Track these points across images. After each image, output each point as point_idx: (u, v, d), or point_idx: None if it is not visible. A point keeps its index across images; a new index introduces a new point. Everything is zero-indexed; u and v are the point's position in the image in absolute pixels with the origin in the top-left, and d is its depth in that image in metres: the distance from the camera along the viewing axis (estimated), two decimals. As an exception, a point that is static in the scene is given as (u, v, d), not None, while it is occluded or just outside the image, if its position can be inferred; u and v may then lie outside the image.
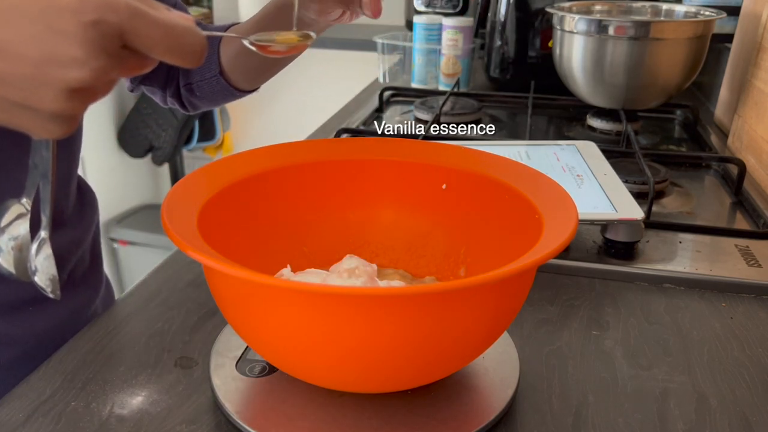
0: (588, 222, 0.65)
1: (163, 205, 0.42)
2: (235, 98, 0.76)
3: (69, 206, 0.64)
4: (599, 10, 1.10)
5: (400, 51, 1.38)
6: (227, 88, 0.73)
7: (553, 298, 0.60)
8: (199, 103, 0.76)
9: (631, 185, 0.78)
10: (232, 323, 0.44)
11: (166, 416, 0.44)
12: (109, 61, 0.32)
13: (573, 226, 0.40)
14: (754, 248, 0.67)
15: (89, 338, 0.53)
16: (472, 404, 0.45)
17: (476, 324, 0.40)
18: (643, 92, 1.00)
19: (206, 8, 2.30)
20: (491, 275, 0.36)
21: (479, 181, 0.51)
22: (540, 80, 1.20)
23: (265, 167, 0.51)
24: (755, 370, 0.50)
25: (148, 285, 0.61)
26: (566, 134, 1.08)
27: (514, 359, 0.49)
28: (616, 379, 0.49)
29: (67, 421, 0.44)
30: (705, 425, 0.45)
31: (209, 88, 0.73)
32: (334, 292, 0.37)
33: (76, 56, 0.31)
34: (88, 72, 0.32)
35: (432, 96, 1.21)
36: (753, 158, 0.87)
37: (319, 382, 0.44)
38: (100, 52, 0.31)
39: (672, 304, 0.59)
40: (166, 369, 0.49)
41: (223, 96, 0.75)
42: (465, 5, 1.39)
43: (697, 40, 0.95)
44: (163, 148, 2.25)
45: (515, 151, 0.79)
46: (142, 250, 2.19)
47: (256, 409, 0.44)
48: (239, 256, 0.45)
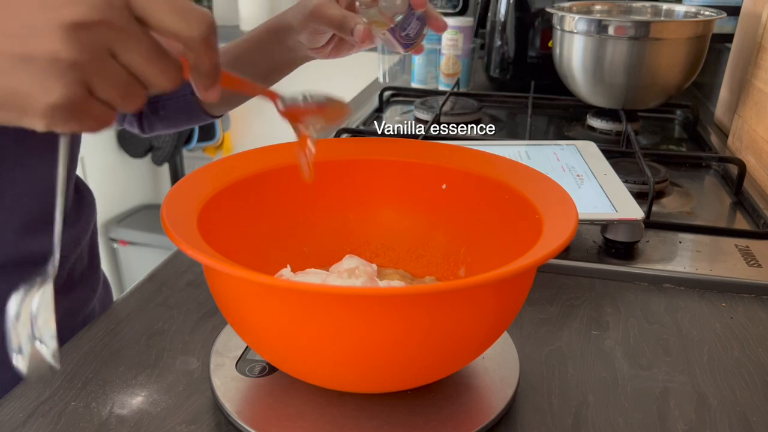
0: (588, 222, 0.65)
1: (163, 205, 0.42)
2: (199, 122, 0.74)
3: (67, 206, 0.64)
4: (599, 10, 1.10)
5: (400, 51, 1.37)
6: (195, 110, 0.71)
7: (553, 298, 0.60)
8: (159, 124, 0.73)
9: (631, 185, 0.78)
10: (232, 323, 0.44)
11: (166, 416, 0.44)
12: (110, 11, 0.32)
13: (573, 226, 0.40)
14: (754, 248, 0.67)
15: (89, 338, 0.53)
16: (472, 404, 0.45)
17: (476, 324, 0.40)
18: (643, 92, 1.00)
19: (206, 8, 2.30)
20: (491, 275, 0.36)
21: (479, 181, 0.51)
22: (540, 80, 1.20)
23: (265, 167, 0.51)
24: (755, 370, 0.50)
25: (148, 285, 0.61)
26: (566, 134, 1.08)
27: (514, 359, 0.49)
28: (616, 379, 0.49)
29: (66, 421, 0.44)
30: (705, 425, 0.45)
31: (176, 107, 0.71)
32: (334, 292, 0.37)
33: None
34: (86, 8, 0.32)
35: (432, 96, 1.21)
36: (753, 158, 0.87)
37: (319, 382, 0.44)
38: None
39: (672, 304, 0.59)
40: (166, 369, 0.49)
41: (187, 118, 0.73)
42: (465, 5, 1.39)
43: (697, 40, 0.95)
44: (163, 148, 2.25)
45: (515, 151, 0.79)
46: (142, 250, 2.19)
47: (256, 409, 0.44)
48: (239, 256, 0.45)
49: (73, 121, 0.34)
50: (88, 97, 0.34)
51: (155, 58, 0.34)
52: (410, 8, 0.57)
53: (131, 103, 0.35)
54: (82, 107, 0.33)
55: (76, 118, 0.34)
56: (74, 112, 0.33)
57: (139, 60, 0.34)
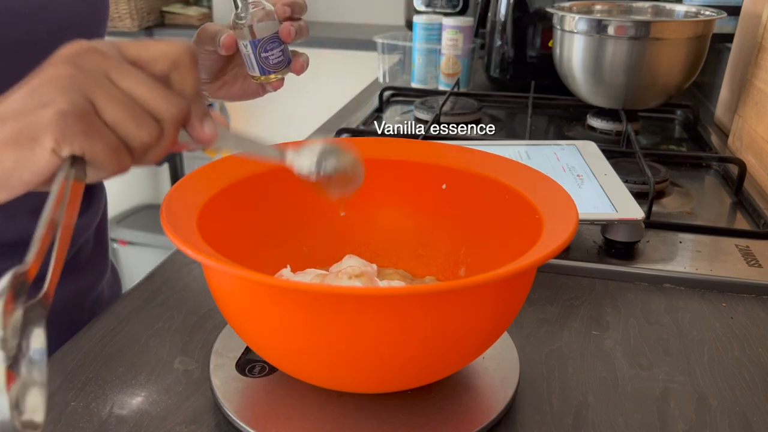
0: (588, 222, 0.65)
1: (163, 205, 0.42)
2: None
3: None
4: (599, 10, 1.10)
5: (400, 51, 1.37)
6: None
7: (553, 298, 0.60)
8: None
9: (631, 185, 0.78)
10: (232, 323, 0.44)
11: (166, 416, 0.44)
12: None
13: (573, 226, 0.40)
14: (754, 248, 0.67)
15: (89, 338, 0.53)
16: (472, 404, 0.45)
17: (476, 324, 0.40)
18: (643, 92, 1.00)
19: (206, 8, 2.30)
20: (491, 275, 0.36)
21: (479, 181, 0.51)
22: (540, 80, 1.20)
23: (265, 167, 0.51)
24: (755, 370, 0.50)
25: (148, 285, 0.61)
26: (566, 134, 1.08)
27: (514, 359, 0.49)
28: (616, 379, 0.49)
29: (66, 421, 0.44)
30: (705, 425, 0.45)
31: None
32: (334, 292, 0.37)
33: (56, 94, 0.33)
34: (70, 96, 0.33)
35: (432, 96, 1.20)
36: (753, 158, 0.87)
37: (319, 382, 0.44)
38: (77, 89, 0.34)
39: (672, 304, 0.59)
40: (166, 369, 0.49)
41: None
42: (465, 5, 1.39)
43: (697, 40, 0.95)
44: (163, 148, 2.25)
45: (515, 151, 0.79)
46: (142, 250, 2.19)
47: (255, 409, 0.44)
48: (239, 256, 0.44)
49: (82, 136, 0.33)
50: (93, 112, 0.34)
51: (154, 85, 0.35)
52: (278, 36, 0.58)
53: (142, 128, 0.35)
54: (89, 119, 0.34)
55: (85, 132, 0.33)
56: (82, 122, 0.33)
57: (138, 86, 0.35)
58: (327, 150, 0.44)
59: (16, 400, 0.29)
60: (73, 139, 0.33)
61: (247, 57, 0.59)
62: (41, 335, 0.31)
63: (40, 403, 0.30)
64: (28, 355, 0.30)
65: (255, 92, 0.65)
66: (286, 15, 0.58)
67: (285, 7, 0.58)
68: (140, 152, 0.36)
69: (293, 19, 0.59)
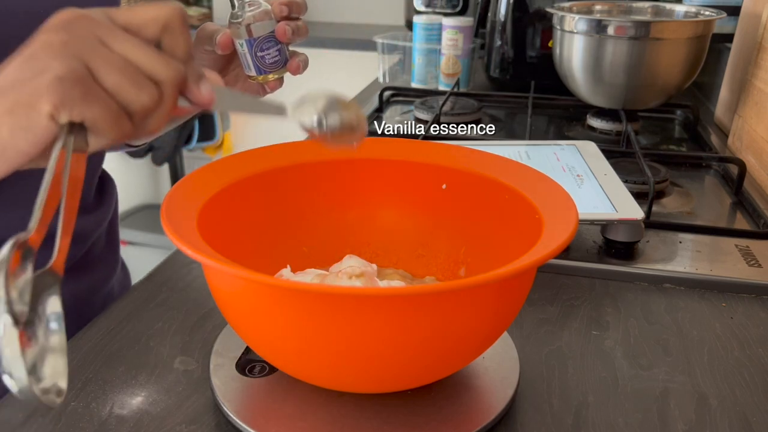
0: (588, 222, 0.65)
1: (163, 205, 0.42)
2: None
3: (90, 195, 0.65)
4: (599, 10, 1.10)
5: (400, 51, 1.37)
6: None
7: (553, 298, 0.60)
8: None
9: (631, 185, 0.78)
10: (232, 323, 0.44)
11: (166, 416, 0.44)
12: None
13: (573, 226, 0.40)
14: (754, 248, 0.67)
15: (89, 338, 0.53)
16: (472, 404, 0.45)
17: (476, 324, 0.40)
18: (643, 92, 1.00)
19: (206, 8, 2.30)
20: (491, 275, 0.36)
21: (479, 181, 0.51)
22: (540, 80, 1.20)
23: (265, 167, 0.51)
24: (755, 370, 0.50)
25: (148, 285, 0.61)
26: (566, 134, 1.08)
27: (514, 359, 0.49)
28: (616, 379, 0.49)
29: (66, 421, 0.44)
30: (705, 425, 0.45)
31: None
32: (334, 293, 0.37)
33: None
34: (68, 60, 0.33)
35: (432, 96, 1.20)
36: (753, 158, 0.87)
37: (319, 382, 0.44)
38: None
39: (672, 304, 0.59)
40: (166, 369, 0.49)
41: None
42: (465, 5, 1.39)
43: (697, 40, 0.95)
44: (163, 148, 2.25)
45: (515, 151, 0.79)
46: (142, 250, 2.19)
47: (255, 409, 0.44)
48: (239, 256, 0.44)
49: (81, 101, 0.33)
50: (90, 77, 0.33)
51: (149, 49, 0.35)
52: (274, 35, 0.58)
53: (142, 91, 0.35)
54: (87, 84, 0.33)
55: (84, 97, 0.33)
56: (80, 87, 0.33)
57: (133, 50, 0.34)
58: (330, 104, 0.42)
59: (34, 365, 0.29)
60: (72, 105, 0.33)
61: (243, 56, 0.59)
62: (56, 302, 0.31)
63: (62, 369, 0.30)
64: (44, 321, 0.30)
65: (256, 93, 0.66)
66: (283, 14, 0.58)
67: (282, 6, 0.57)
68: (140, 117, 0.36)
69: (291, 19, 0.59)
